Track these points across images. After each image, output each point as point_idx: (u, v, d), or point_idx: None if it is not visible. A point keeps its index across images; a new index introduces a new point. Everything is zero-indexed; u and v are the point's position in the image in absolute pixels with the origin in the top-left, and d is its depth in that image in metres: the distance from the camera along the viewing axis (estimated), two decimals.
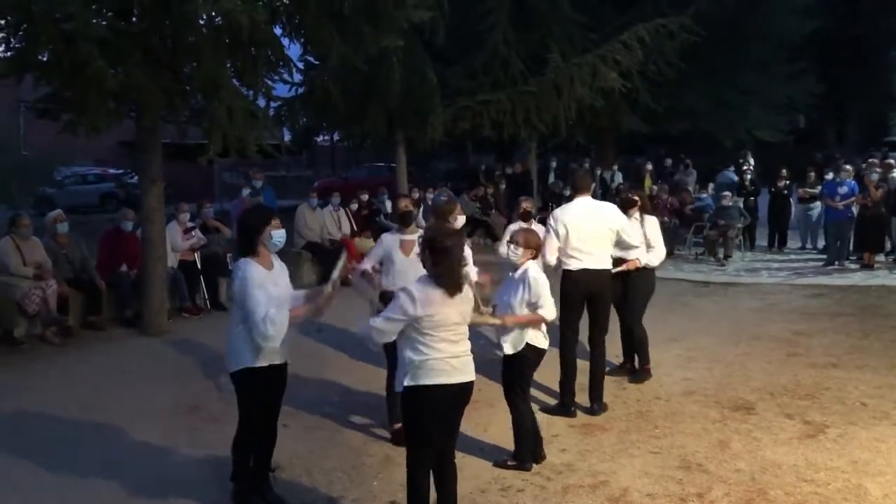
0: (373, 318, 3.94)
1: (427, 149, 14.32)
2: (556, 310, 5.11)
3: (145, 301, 8.67)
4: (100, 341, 8.36)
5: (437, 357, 3.82)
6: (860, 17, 26.11)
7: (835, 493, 4.58)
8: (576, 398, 6.07)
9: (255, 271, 4.16)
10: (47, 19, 6.74)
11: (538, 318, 4.90)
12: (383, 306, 4.61)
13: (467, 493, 4.50)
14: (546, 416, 5.73)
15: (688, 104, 17.96)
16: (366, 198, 13.66)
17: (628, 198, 6.83)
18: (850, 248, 12.79)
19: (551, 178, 19.00)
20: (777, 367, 7.16)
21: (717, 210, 14.17)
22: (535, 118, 13.41)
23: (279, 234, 4.34)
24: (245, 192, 10.99)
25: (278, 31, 8.81)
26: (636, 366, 6.93)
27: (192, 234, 9.85)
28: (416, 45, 12.41)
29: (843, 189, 12.71)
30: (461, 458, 4.51)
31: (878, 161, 15.67)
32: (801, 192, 14.28)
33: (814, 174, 14.35)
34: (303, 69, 12.82)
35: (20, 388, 6.68)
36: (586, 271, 5.95)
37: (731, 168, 17.38)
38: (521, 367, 5.02)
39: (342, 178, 26.24)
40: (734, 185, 15.73)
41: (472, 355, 4.01)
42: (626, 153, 25.91)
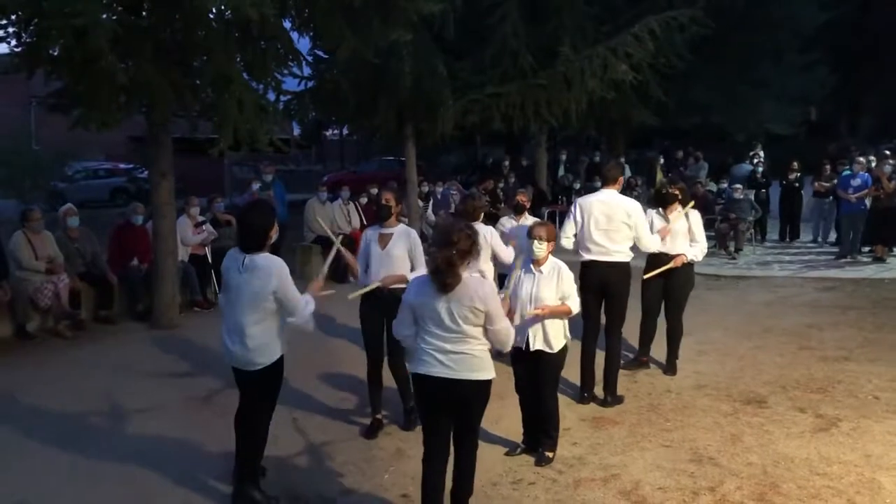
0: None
1: (436, 142, 14.28)
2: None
3: (156, 295, 8.70)
4: (111, 335, 8.39)
5: (423, 347, 3.95)
6: (873, 8, 25.85)
7: (848, 486, 4.56)
8: (592, 389, 6.14)
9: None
10: (58, 14, 6.74)
11: (567, 309, 4.99)
12: None
13: (479, 486, 4.49)
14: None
15: (698, 97, 17.85)
16: (375, 191, 13.64)
17: (669, 193, 6.78)
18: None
19: (561, 172, 18.94)
20: (789, 360, 7.13)
21: (728, 203, 14.10)
22: (546, 111, 13.33)
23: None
24: (255, 186, 10.99)
25: (287, 24, 8.80)
26: (664, 359, 6.98)
27: (203, 228, 9.87)
28: (426, 38, 12.36)
29: (856, 181, 12.64)
30: None
31: (889, 153, 15.54)
32: (816, 185, 14.18)
33: (829, 167, 14.24)
34: (312, 63, 12.80)
35: (34, 382, 6.71)
36: (597, 263, 5.97)
37: (746, 161, 17.28)
38: (562, 362, 5.16)
39: (352, 172, 26.23)
40: (749, 177, 15.66)
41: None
42: (637, 146, 25.79)
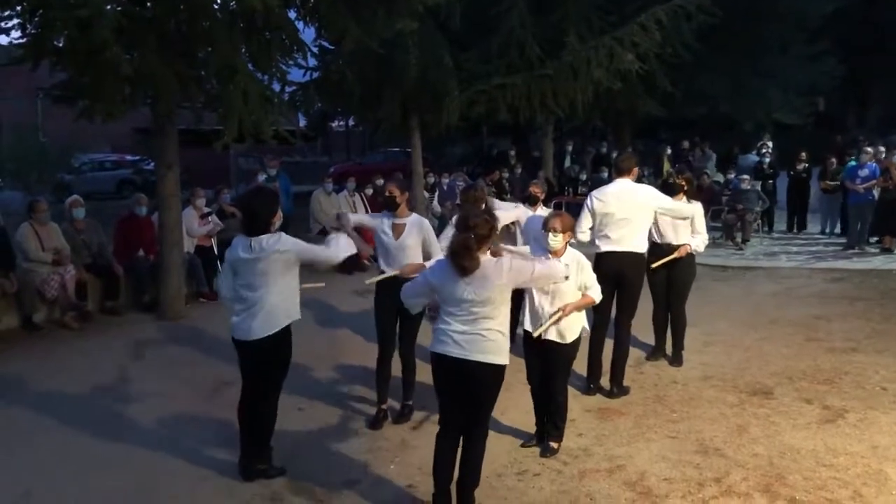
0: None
1: (442, 133, 14.25)
2: None
3: (162, 286, 8.71)
4: (118, 326, 8.41)
5: (442, 328, 4.07)
6: None
7: (854, 477, 4.55)
8: (599, 380, 6.14)
9: None
10: (62, 5, 6.74)
11: (590, 301, 4.99)
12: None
13: (484, 477, 4.48)
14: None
15: (705, 87, 17.75)
16: (381, 182, 13.64)
17: (675, 183, 6.71)
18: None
19: (567, 162, 18.89)
20: (796, 351, 7.10)
21: (736, 194, 14.05)
22: (552, 102, 13.29)
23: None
24: (261, 177, 11.00)
25: (292, 14, 8.78)
26: (670, 351, 6.96)
27: (209, 219, 9.88)
28: (432, 29, 12.32)
29: (863, 172, 12.57)
30: None
31: None
32: (822, 184, 14.11)
33: (835, 161, 14.13)
34: (317, 54, 12.78)
35: (41, 373, 6.74)
36: (612, 254, 5.96)
37: (753, 152, 17.21)
38: (574, 354, 5.12)
39: (358, 164, 26.26)
40: (755, 167, 15.61)
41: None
42: (644, 137, 25.69)
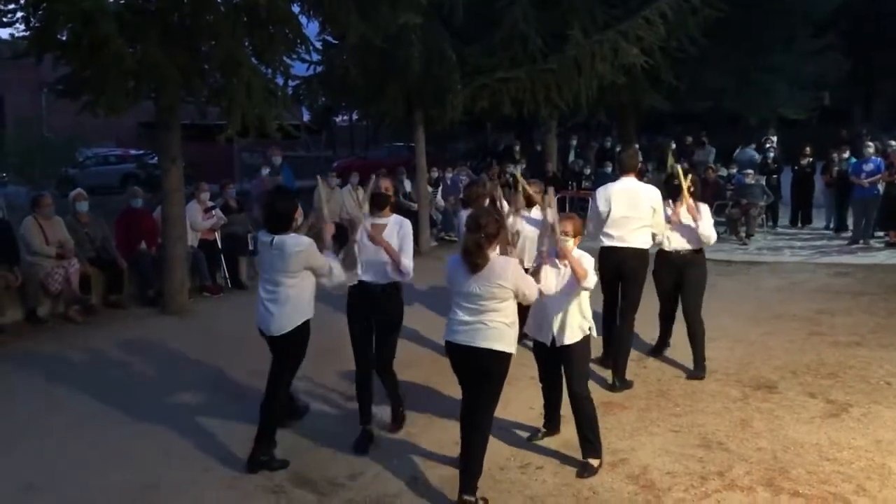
0: None
1: (446, 128, 14.22)
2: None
3: (166, 280, 8.73)
4: (122, 320, 8.44)
5: (452, 318, 4.36)
6: None
7: (858, 472, 4.54)
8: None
9: None
10: None
11: (583, 271, 4.66)
12: None
13: (487, 470, 4.49)
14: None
15: (711, 82, 17.69)
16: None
17: (681, 185, 6.32)
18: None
19: (571, 157, 18.87)
20: (800, 346, 7.08)
21: (740, 188, 14.02)
22: (556, 96, 13.22)
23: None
24: (264, 171, 10.98)
25: (296, 9, 8.77)
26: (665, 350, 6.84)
27: (213, 213, 9.89)
28: (435, 23, 12.28)
29: (868, 166, 12.53)
30: None
31: None
32: (826, 177, 14.07)
33: (836, 155, 14.07)
34: (321, 48, 12.76)
35: (45, 367, 6.76)
36: (614, 249, 6.01)
37: (751, 145, 17.16)
38: (588, 352, 4.95)
39: (361, 158, 26.23)
40: (754, 162, 15.56)
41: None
42: (648, 132, 25.64)
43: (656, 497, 4.32)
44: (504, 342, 4.25)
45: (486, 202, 6.48)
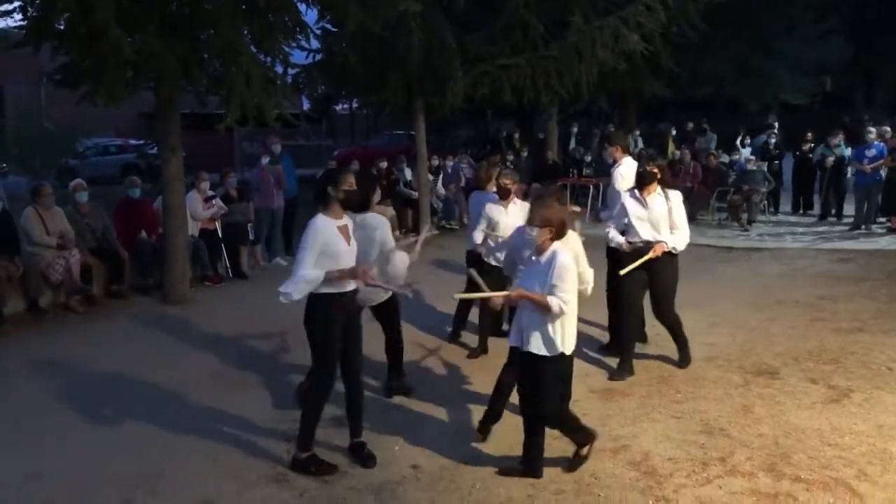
0: None
1: (447, 116, 14.18)
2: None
3: (167, 270, 8.73)
4: (123, 310, 8.44)
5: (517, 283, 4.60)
6: None
7: (859, 456, 4.54)
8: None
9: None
10: None
11: (544, 303, 4.17)
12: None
13: (488, 457, 4.50)
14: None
15: (712, 68, 17.64)
16: (384, 165, 13.63)
17: (648, 171, 5.89)
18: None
19: (572, 144, 18.82)
20: (801, 332, 7.08)
21: (741, 175, 13.99)
22: (556, 83, 13.16)
23: None
24: (264, 160, 10.94)
25: None
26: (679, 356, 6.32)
27: (213, 203, 9.87)
28: (435, 11, 12.22)
29: (870, 152, 12.50)
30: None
31: None
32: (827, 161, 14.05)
33: (835, 138, 14.04)
34: (320, 36, 12.71)
35: (47, 357, 6.77)
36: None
37: (767, 132, 17.12)
38: (561, 373, 4.45)
39: (362, 147, 26.21)
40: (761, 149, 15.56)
41: None
42: (649, 119, 25.57)
43: (658, 483, 4.33)
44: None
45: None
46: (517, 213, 6.32)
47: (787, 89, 19.85)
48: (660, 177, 5.92)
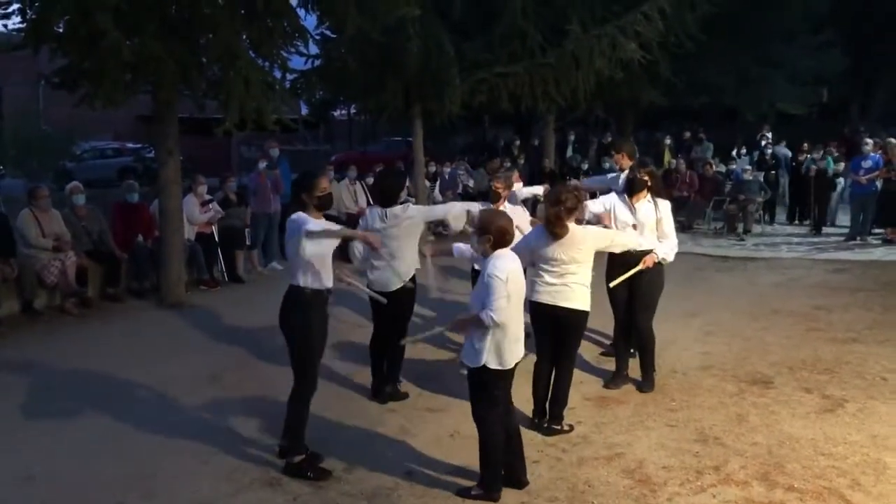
0: None
1: (444, 122, 14.20)
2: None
3: (163, 273, 8.72)
4: (119, 312, 8.42)
5: (536, 280, 5.10)
6: None
7: (853, 466, 4.55)
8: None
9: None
10: None
11: (472, 321, 4.11)
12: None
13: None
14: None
15: (709, 77, 17.69)
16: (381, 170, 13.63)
17: (638, 179, 5.78)
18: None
19: (569, 152, 18.86)
20: (796, 341, 7.09)
21: (737, 184, 14.04)
22: (554, 91, 13.23)
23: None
24: (262, 164, 10.94)
25: (294, 1, 8.74)
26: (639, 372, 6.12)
27: (210, 206, 9.86)
28: (434, 17, 12.26)
29: (867, 163, 12.55)
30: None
31: None
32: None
33: (837, 150, 14.14)
34: (319, 42, 12.73)
35: (41, 359, 6.74)
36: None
37: (782, 143, 17.16)
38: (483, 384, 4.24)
39: (360, 152, 26.22)
40: (785, 159, 15.66)
41: None
42: (646, 127, 25.62)
43: (652, 491, 4.33)
44: (582, 301, 5.03)
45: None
46: None
47: (784, 99, 19.91)
48: (650, 185, 5.82)
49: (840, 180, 14.09)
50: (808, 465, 4.57)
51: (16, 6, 7.35)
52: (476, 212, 5.19)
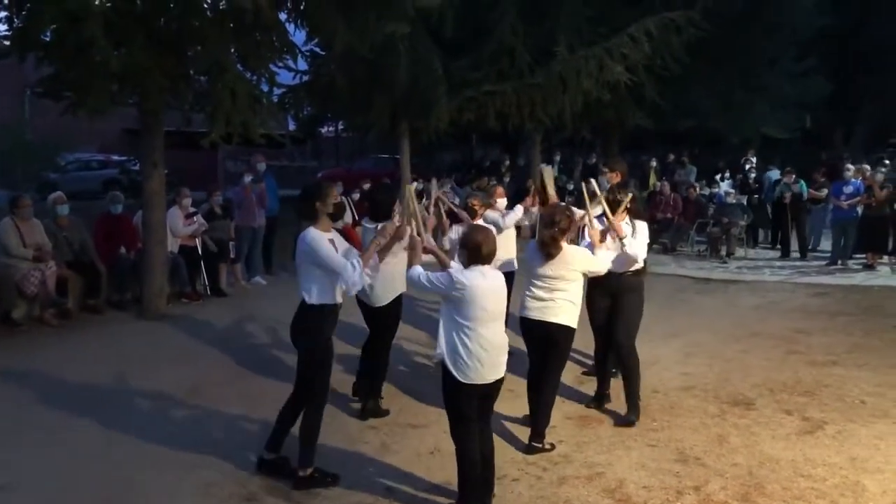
0: None
1: (432, 140, 14.26)
2: None
3: (145, 285, 8.66)
4: (99, 324, 8.34)
5: (527, 295, 5.21)
6: (871, 17, 25.88)
7: (832, 488, 4.55)
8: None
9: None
10: None
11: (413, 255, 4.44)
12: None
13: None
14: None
15: (695, 101, 17.88)
16: (367, 187, 13.64)
17: (617, 200, 5.63)
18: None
19: (555, 173, 18.95)
20: (777, 364, 7.12)
21: (721, 207, 14.15)
22: (541, 111, 13.34)
23: None
24: (247, 178, 10.90)
25: (283, 16, 8.77)
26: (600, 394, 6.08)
27: (194, 219, 9.81)
28: (423, 35, 12.34)
29: (848, 189, 12.68)
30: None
31: (889, 163, 15.64)
32: (809, 192, 14.21)
33: (821, 174, 14.26)
34: (308, 57, 12.78)
35: (19, 370, 6.66)
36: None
37: (772, 168, 17.28)
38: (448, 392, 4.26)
39: (346, 169, 26.23)
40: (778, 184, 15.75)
41: None
42: (632, 150, 25.78)
43: None
44: (568, 318, 5.08)
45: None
46: None
47: (768, 124, 20.11)
48: (629, 206, 5.68)
49: (818, 205, 14.16)
50: (788, 487, 4.57)
51: (2, 14, 7.32)
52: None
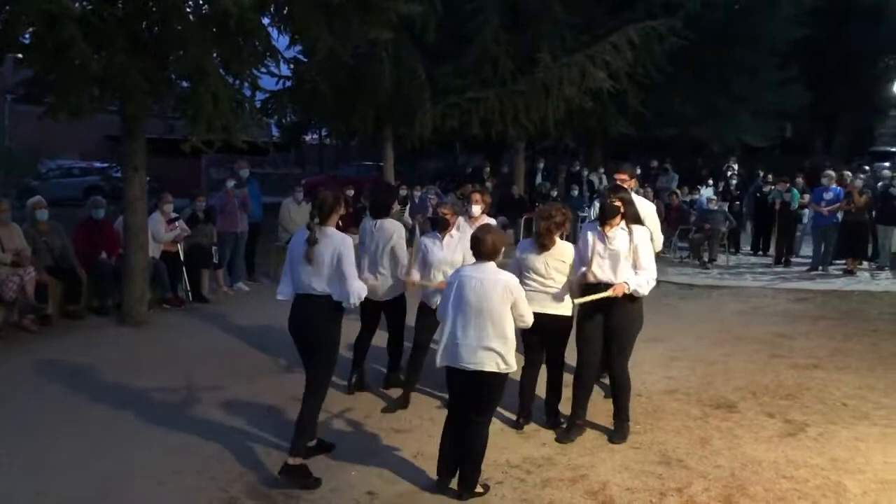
0: None
1: (415, 146, 14.26)
2: None
3: (126, 290, 8.57)
4: (78, 330, 8.25)
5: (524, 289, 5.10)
6: (850, 28, 26.23)
7: (813, 489, 4.57)
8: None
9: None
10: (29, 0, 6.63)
11: None
12: None
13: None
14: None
15: (676, 108, 18.03)
16: (351, 193, 13.60)
17: (610, 205, 5.24)
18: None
19: (539, 180, 19.03)
20: (759, 367, 7.16)
21: (703, 214, 14.24)
22: (524, 118, 13.38)
23: None
24: (230, 184, 10.84)
25: (266, 21, 8.73)
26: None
27: (176, 224, 9.74)
28: (406, 42, 12.35)
29: (828, 195, 12.80)
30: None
31: (869, 169, 15.81)
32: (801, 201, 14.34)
33: (802, 181, 14.42)
34: (291, 63, 12.75)
35: None
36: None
37: (760, 179, 17.41)
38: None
39: (330, 176, 26.19)
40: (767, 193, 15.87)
41: None
42: (615, 157, 25.90)
43: None
44: (563, 308, 5.34)
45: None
46: (454, 246, 5.84)
47: (749, 132, 20.30)
48: (623, 211, 5.27)
49: (805, 211, 14.30)
50: (770, 488, 4.58)
51: None
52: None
